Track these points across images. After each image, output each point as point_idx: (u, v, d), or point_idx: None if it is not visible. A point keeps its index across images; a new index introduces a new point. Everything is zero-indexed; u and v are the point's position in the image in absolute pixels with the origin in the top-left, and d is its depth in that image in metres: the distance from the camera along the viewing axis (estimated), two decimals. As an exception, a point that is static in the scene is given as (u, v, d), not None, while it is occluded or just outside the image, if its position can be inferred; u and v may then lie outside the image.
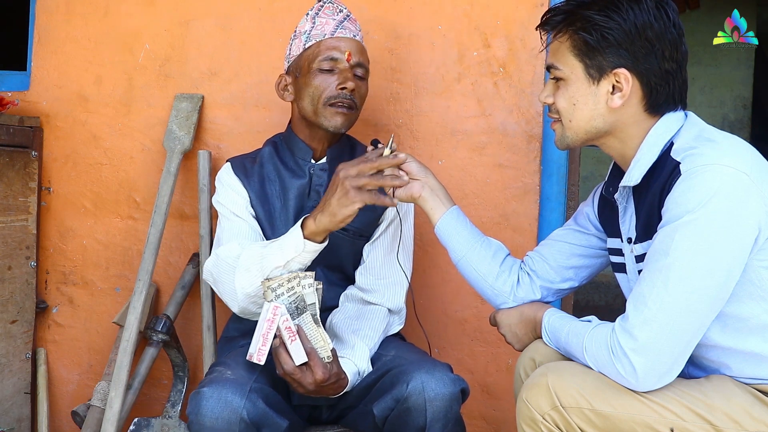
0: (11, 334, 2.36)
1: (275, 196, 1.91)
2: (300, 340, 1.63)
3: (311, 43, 1.87)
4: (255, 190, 1.91)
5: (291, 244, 1.67)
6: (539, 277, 1.74)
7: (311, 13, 1.91)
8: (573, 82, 1.50)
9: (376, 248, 1.94)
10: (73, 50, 2.48)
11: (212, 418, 1.55)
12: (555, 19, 1.53)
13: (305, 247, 1.66)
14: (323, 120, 1.86)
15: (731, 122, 6.22)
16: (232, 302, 1.77)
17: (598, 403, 1.38)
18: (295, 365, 1.62)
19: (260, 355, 1.63)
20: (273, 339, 1.63)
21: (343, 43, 1.87)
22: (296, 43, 1.91)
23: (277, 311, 1.62)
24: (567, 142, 1.56)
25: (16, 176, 2.37)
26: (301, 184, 1.92)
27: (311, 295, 1.68)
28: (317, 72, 1.85)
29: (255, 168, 1.94)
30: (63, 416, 2.51)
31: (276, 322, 1.62)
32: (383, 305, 1.90)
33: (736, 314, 1.40)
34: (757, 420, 1.36)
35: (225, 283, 1.76)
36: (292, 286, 1.66)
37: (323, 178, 1.92)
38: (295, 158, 1.94)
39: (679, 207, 1.35)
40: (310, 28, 1.89)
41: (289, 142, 1.97)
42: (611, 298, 5.50)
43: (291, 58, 1.92)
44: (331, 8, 1.91)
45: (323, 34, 1.87)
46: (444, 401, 1.61)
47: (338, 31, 1.87)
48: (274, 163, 1.94)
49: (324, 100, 1.84)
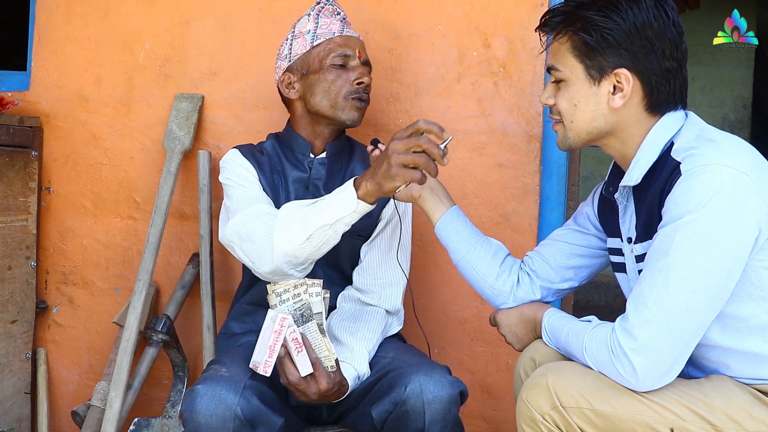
0: (11, 334, 2.36)
1: (281, 186, 1.92)
2: (306, 351, 1.62)
3: (320, 41, 1.91)
4: (266, 176, 1.91)
5: (343, 202, 1.61)
6: (539, 277, 1.74)
7: (312, 14, 1.95)
8: (574, 83, 1.50)
9: (374, 248, 1.94)
10: (73, 50, 2.48)
11: (206, 415, 1.55)
12: (554, 21, 1.53)
13: (358, 206, 1.61)
14: (341, 114, 1.89)
15: (731, 122, 6.22)
16: (263, 262, 1.68)
17: (598, 403, 1.38)
18: (300, 376, 1.62)
19: (266, 366, 1.61)
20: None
21: (352, 41, 1.94)
22: (299, 42, 1.93)
23: (284, 322, 1.60)
24: (569, 143, 1.56)
25: (16, 176, 2.37)
26: (302, 178, 1.93)
27: (318, 304, 1.66)
28: (331, 68, 1.89)
29: (264, 158, 1.95)
30: (63, 416, 2.51)
31: (283, 333, 1.60)
32: (380, 306, 1.89)
33: (736, 314, 1.40)
34: (757, 420, 1.36)
35: (257, 242, 1.69)
36: (299, 293, 1.65)
37: (322, 173, 1.94)
38: (294, 153, 1.97)
39: (680, 207, 1.35)
40: (314, 27, 1.92)
41: (288, 139, 1.98)
42: (611, 298, 5.50)
43: (294, 57, 1.93)
44: (331, 10, 1.97)
45: (332, 33, 1.92)
46: (442, 404, 1.61)
47: (345, 30, 1.94)
48: (278, 155, 1.97)
49: (345, 94, 1.88)
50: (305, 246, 1.65)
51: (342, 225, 1.64)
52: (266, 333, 1.62)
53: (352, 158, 2.00)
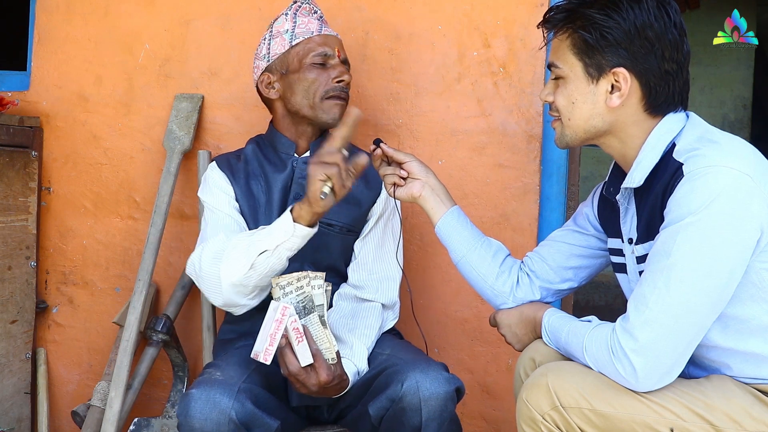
0: (11, 334, 2.36)
1: (260, 191, 1.92)
2: (306, 341, 1.63)
3: (299, 41, 1.91)
4: (240, 186, 1.93)
5: (281, 227, 1.67)
6: (539, 277, 1.74)
7: (290, 13, 1.96)
8: (572, 80, 1.50)
9: (368, 244, 1.95)
10: (73, 50, 2.48)
11: (201, 419, 1.55)
12: (557, 17, 1.53)
13: (295, 230, 1.66)
14: (321, 113, 1.90)
15: (731, 122, 6.22)
16: (215, 295, 1.74)
17: (597, 403, 1.38)
18: (300, 366, 1.62)
19: (267, 354, 1.61)
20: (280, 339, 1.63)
21: (331, 40, 1.94)
22: (278, 42, 1.93)
23: (286, 311, 1.61)
24: (566, 140, 1.56)
25: (16, 176, 2.37)
26: (284, 178, 1.93)
27: (320, 296, 1.67)
28: (311, 67, 1.89)
29: (240, 165, 1.96)
30: (63, 416, 2.51)
31: (284, 322, 1.61)
32: (377, 301, 1.91)
33: (737, 315, 1.40)
34: (756, 420, 1.36)
35: (209, 276, 1.74)
36: (301, 285, 1.66)
37: (306, 171, 1.93)
38: (278, 153, 1.97)
39: (682, 208, 1.34)
40: (293, 27, 1.93)
41: (271, 139, 1.99)
42: (611, 298, 5.50)
43: (272, 57, 1.93)
44: (308, 8, 1.97)
45: (311, 32, 1.92)
46: (439, 400, 1.61)
47: (324, 29, 1.95)
48: (259, 160, 1.97)
49: (322, 93, 1.89)
50: (251, 275, 1.69)
51: (284, 251, 1.68)
52: (268, 322, 1.63)
53: None
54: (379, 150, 1.78)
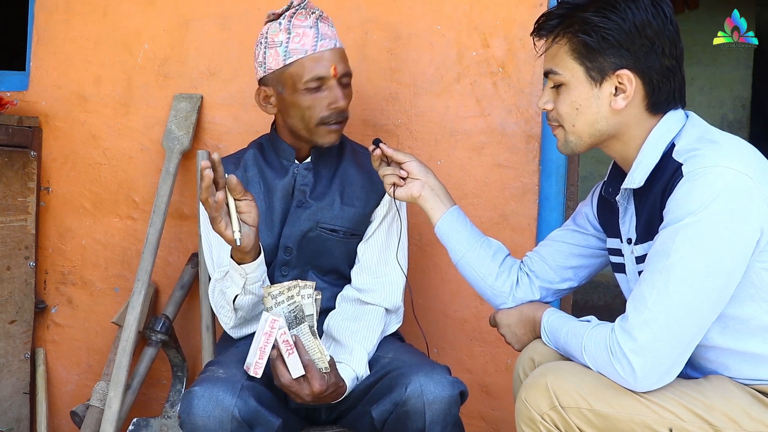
0: (10, 334, 2.36)
1: (259, 199, 1.89)
2: (297, 353, 1.63)
3: (292, 60, 1.79)
4: None
5: (235, 273, 1.72)
6: (538, 277, 1.74)
7: (283, 23, 1.81)
8: (574, 86, 1.49)
9: (371, 247, 1.92)
10: (73, 50, 2.48)
11: (204, 417, 1.56)
12: (551, 24, 1.51)
13: (246, 270, 1.70)
14: (317, 138, 1.85)
15: (730, 122, 6.22)
16: (225, 326, 1.88)
17: (596, 403, 1.38)
18: (292, 378, 1.62)
19: (257, 368, 1.63)
20: (270, 351, 1.63)
21: (326, 56, 1.80)
22: (272, 54, 1.81)
23: (275, 324, 1.61)
24: (571, 147, 1.54)
25: (15, 176, 2.36)
26: (286, 185, 1.91)
27: (309, 306, 1.67)
28: (305, 92, 1.80)
29: (238, 173, 1.91)
30: (62, 416, 2.51)
31: (273, 335, 1.61)
32: (380, 305, 1.88)
33: (736, 316, 1.40)
34: (755, 420, 1.36)
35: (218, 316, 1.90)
36: (292, 295, 1.65)
37: (308, 178, 1.91)
38: (279, 159, 1.93)
39: (681, 208, 1.34)
40: (286, 40, 1.79)
41: (273, 143, 1.95)
42: (611, 298, 5.49)
43: (268, 70, 1.83)
44: (304, 14, 1.81)
45: (304, 51, 1.78)
46: (443, 404, 1.61)
47: (319, 43, 1.79)
48: (259, 166, 1.93)
49: (317, 120, 1.81)
50: (239, 314, 1.80)
51: (252, 285, 1.73)
52: (258, 335, 1.63)
53: (341, 160, 1.95)
54: (378, 150, 1.77)
